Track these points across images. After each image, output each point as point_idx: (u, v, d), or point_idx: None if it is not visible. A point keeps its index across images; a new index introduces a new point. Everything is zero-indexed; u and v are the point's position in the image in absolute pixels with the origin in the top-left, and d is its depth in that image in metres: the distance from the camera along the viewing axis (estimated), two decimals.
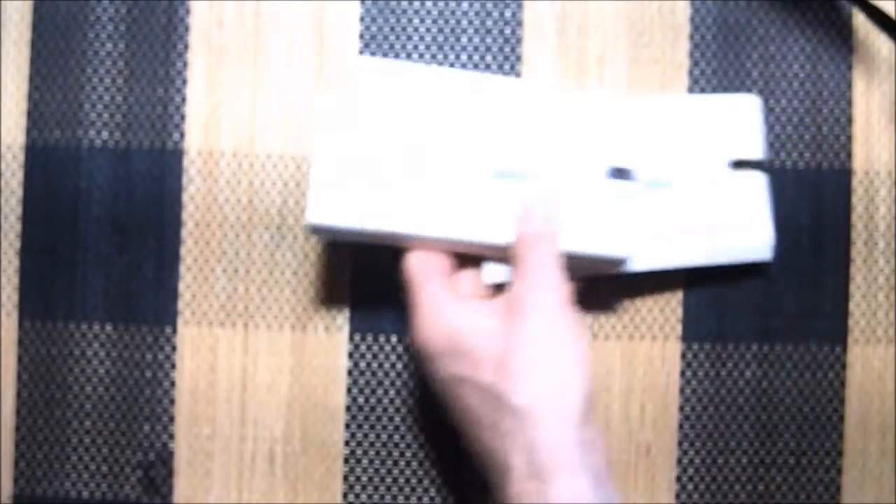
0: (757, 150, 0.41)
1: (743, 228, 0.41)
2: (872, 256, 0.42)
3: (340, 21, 0.43)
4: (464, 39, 0.43)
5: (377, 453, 0.42)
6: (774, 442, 0.42)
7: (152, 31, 0.43)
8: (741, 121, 0.42)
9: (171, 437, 0.42)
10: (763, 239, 0.41)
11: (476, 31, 0.43)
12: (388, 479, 0.42)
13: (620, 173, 0.38)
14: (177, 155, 0.42)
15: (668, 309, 0.42)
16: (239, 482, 0.42)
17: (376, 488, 0.42)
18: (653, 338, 0.42)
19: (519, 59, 0.43)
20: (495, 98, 0.38)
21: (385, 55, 0.42)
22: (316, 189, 0.36)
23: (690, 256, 0.41)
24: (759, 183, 0.41)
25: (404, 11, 0.43)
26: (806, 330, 0.42)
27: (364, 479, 0.42)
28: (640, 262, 0.40)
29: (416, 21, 0.43)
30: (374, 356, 0.42)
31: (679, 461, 0.42)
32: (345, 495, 0.42)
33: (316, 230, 0.37)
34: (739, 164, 0.41)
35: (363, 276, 0.42)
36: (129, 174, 0.42)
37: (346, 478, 0.42)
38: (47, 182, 0.42)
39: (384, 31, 0.43)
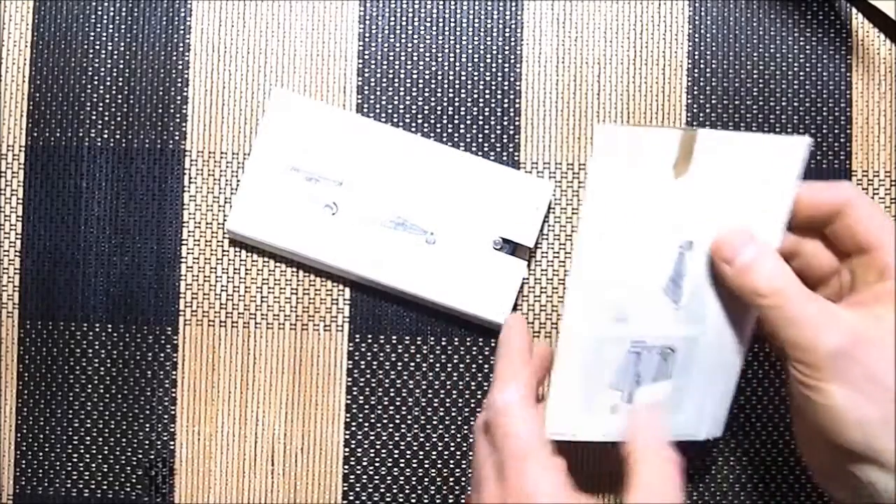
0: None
1: None
2: None
3: (340, 21, 0.43)
4: (464, 39, 0.43)
5: (377, 453, 0.42)
6: (775, 441, 0.42)
7: (152, 31, 0.43)
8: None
9: (172, 436, 0.42)
10: None
11: (476, 31, 0.43)
12: (389, 479, 0.42)
13: (511, 246, 0.41)
14: (177, 155, 0.42)
15: None
16: (239, 482, 0.42)
17: (376, 488, 0.42)
18: None
19: (519, 59, 0.43)
20: (409, 154, 0.41)
21: (385, 56, 0.42)
22: (240, 201, 0.41)
23: None
24: None
25: (404, 11, 0.43)
26: None
27: (364, 479, 0.42)
28: None
29: (416, 21, 0.43)
30: (374, 356, 0.42)
31: None
32: (345, 495, 0.42)
33: (234, 236, 0.41)
34: None
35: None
36: (130, 174, 0.42)
37: (346, 478, 0.42)
38: (47, 182, 0.42)
39: (384, 31, 0.43)
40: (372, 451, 0.42)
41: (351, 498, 0.42)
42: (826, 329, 0.30)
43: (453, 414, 0.42)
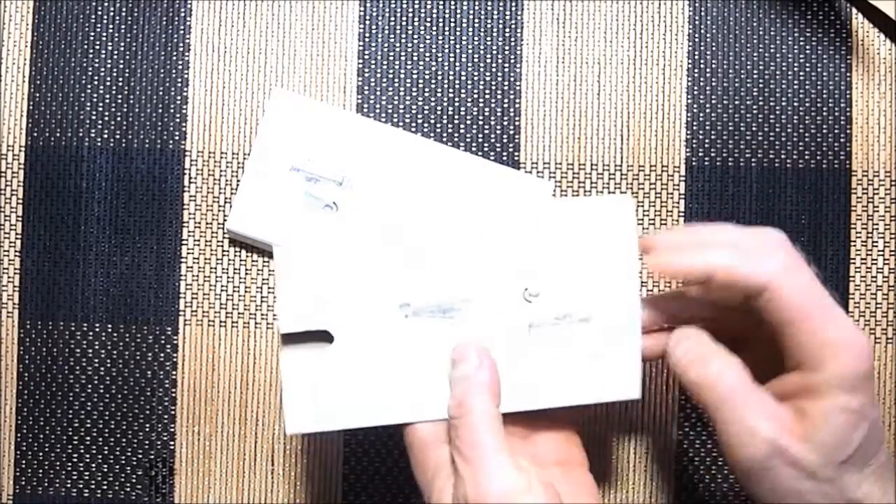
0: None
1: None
2: (872, 256, 0.42)
3: (340, 21, 0.43)
4: (464, 39, 0.43)
5: (377, 453, 0.42)
6: None
7: (152, 31, 0.43)
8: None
9: (172, 436, 0.42)
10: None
11: (476, 31, 0.43)
12: (389, 479, 0.42)
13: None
14: (177, 155, 0.42)
15: None
16: (239, 482, 0.42)
17: (376, 488, 0.42)
18: None
19: (519, 59, 0.43)
20: (409, 154, 0.41)
21: (385, 56, 0.42)
22: (240, 201, 0.41)
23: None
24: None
25: (404, 11, 0.43)
26: None
27: (364, 478, 0.42)
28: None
29: (416, 21, 0.43)
30: None
31: (679, 461, 0.42)
32: (345, 495, 0.42)
33: (234, 236, 0.41)
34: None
35: None
36: (130, 174, 0.42)
37: (346, 478, 0.42)
38: (47, 182, 0.42)
39: (384, 31, 0.43)
40: (372, 451, 0.42)
41: (351, 498, 0.42)
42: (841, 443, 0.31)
43: None
